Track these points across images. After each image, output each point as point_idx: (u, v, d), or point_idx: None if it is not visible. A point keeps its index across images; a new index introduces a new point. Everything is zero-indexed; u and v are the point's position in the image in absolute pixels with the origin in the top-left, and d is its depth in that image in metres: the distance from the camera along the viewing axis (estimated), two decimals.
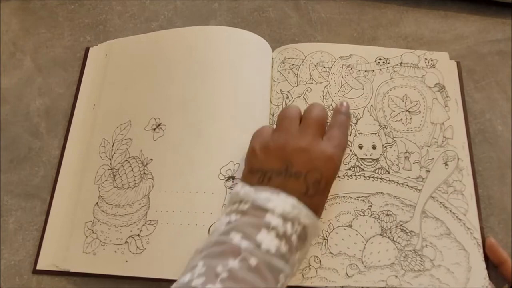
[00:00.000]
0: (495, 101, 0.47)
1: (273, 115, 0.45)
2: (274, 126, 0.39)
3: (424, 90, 0.45)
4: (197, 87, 0.43)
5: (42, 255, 0.41)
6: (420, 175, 0.41)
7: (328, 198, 0.40)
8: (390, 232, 0.39)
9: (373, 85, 0.45)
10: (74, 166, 0.44)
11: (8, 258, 0.42)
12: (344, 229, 0.39)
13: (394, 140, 0.43)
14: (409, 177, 0.41)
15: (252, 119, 0.43)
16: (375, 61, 0.46)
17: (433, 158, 0.42)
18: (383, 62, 0.46)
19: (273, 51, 0.48)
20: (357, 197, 0.40)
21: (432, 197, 0.40)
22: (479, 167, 0.43)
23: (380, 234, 0.39)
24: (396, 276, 0.37)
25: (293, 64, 0.46)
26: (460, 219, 0.39)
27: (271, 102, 0.45)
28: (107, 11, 0.53)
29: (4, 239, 0.42)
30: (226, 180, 0.40)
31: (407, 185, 0.41)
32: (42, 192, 0.44)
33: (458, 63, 0.47)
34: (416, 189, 0.41)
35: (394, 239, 0.39)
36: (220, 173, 0.40)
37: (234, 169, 0.40)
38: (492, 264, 0.39)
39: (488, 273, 0.38)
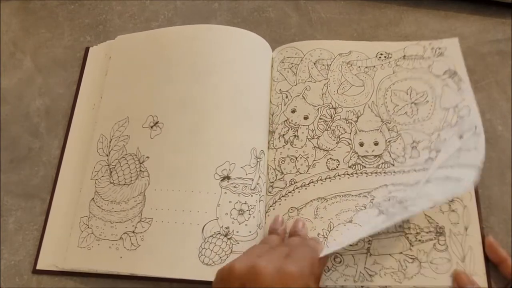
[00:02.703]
0: (495, 101, 0.47)
1: (272, 115, 0.45)
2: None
3: (431, 80, 0.44)
4: (196, 86, 0.43)
5: (42, 255, 0.41)
6: (429, 157, 0.40)
7: (328, 197, 0.40)
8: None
9: (374, 81, 0.45)
10: (74, 165, 0.44)
11: (8, 258, 0.42)
12: (345, 225, 0.39)
13: (399, 134, 0.42)
14: (416, 163, 0.40)
15: (250, 119, 0.43)
16: (376, 56, 0.46)
17: (445, 139, 0.41)
18: (385, 56, 0.46)
19: (273, 51, 0.48)
20: (359, 194, 0.40)
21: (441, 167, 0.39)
22: None
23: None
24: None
25: (292, 63, 0.46)
26: None
27: (270, 102, 0.45)
28: (107, 11, 0.53)
29: (4, 239, 0.42)
30: (221, 180, 0.40)
31: (414, 170, 0.40)
32: (42, 192, 0.44)
33: None
34: (423, 169, 0.40)
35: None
36: (216, 172, 0.40)
37: (229, 169, 0.40)
38: (492, 263, 0.39)
39: (489, 272, 0.38)
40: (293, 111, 0.44)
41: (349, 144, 0.42)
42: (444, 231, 0.39)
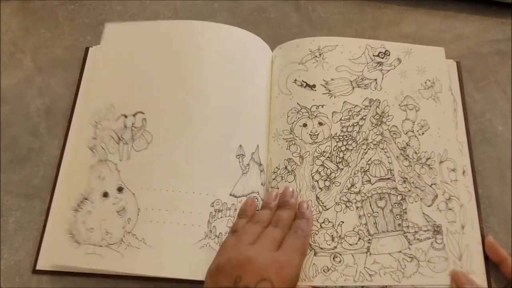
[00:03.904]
0: (495, 101, 0.47)
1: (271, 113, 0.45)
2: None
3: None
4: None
5: (42, 255, 0.41)
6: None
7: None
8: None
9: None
10: None
11: (8, 258, 0.42)
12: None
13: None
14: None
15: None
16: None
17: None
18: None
19: (273, 51, 0.48)
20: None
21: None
22: (479, 167, 0.43)
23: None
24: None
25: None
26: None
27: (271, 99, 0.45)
28: (107, 11, 0.53)
29: (4, 239, 0.42)
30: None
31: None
32: (42, 192, 0.44)
33: (458, 63, 0.47)
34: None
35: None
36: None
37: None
38: (492, 263, 0.39)
39: (489, 272, 0.38)
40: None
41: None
42: (441, 230, 0.39)
